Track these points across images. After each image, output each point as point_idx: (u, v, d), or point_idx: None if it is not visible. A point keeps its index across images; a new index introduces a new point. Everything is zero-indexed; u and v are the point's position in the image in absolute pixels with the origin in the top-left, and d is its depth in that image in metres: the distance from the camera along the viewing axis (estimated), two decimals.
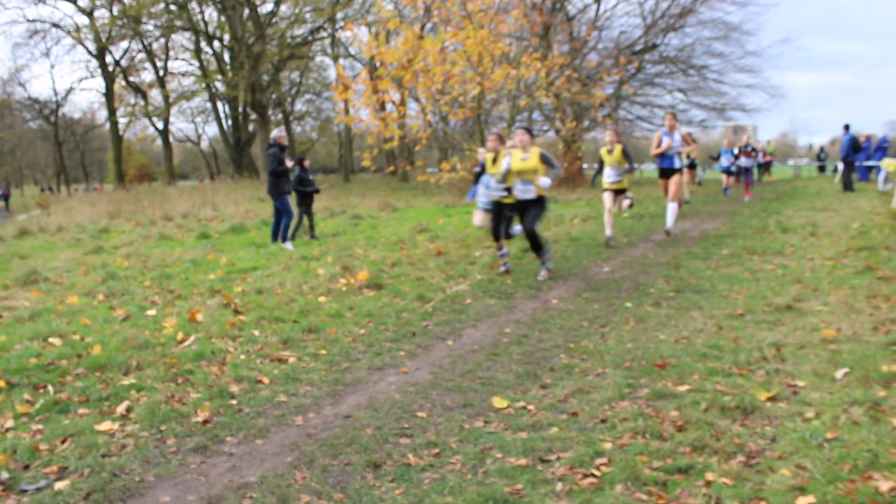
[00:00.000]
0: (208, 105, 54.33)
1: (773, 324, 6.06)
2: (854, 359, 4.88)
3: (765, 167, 30.43)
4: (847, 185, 21.14)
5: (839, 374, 4.61)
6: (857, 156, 22.29)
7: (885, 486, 3.09)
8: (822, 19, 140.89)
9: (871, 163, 24.93)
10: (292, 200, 12.92)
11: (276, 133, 12.64)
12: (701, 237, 11.99)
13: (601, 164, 11.87)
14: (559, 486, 3.35)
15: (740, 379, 4.66)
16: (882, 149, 25.59)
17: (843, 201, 17.50)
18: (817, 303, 6.68)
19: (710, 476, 3.32)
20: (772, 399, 4.25)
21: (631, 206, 11.70)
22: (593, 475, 3.43)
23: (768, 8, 74.24)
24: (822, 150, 41.42)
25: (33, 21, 45.67)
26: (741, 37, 35.35)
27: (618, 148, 11.28)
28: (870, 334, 5.48)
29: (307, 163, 13.80)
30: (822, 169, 39.04)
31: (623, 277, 8.65)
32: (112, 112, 49.41)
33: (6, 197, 48.74)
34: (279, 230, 12.57)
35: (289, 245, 12.31)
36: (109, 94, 48.97)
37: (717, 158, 24.60)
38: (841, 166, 22.50)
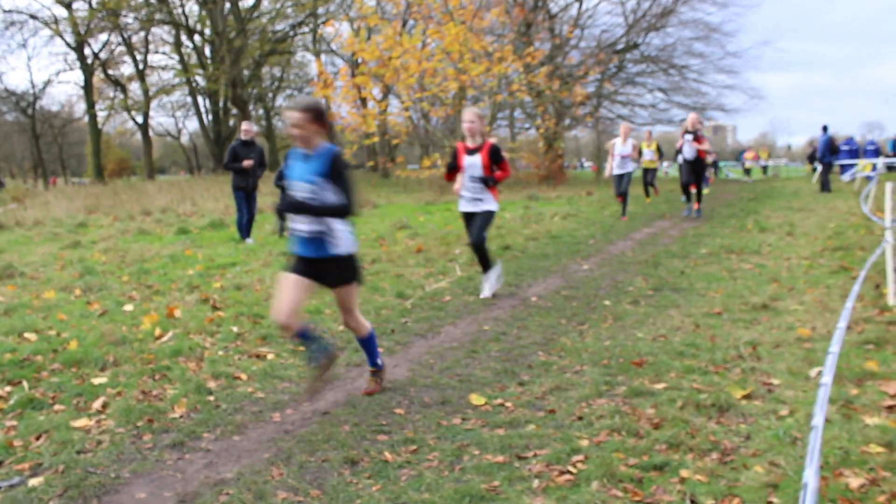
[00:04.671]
0: (188, 99, 53.76)
1: (749, 322, 6.12)
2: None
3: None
4: (824, 186, 21.37)
5: (813, 372, 4.67)
6: (833, 157, 22.54)
7: (855, 482, 3.14)
8: (789, 21, 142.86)
9: (848, 161, 25.26)
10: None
11: (243, 126, 12.66)
12: (680, 236, 12.08)
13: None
14: (536, 483, 3.37)
15: (716, 377, 4.71)
16: (859, 151, 25.97)
17: (820, 202, 17.69)
18: (793, 302, 6.76)
19: (684, 473, 3.35)
20: (747, 397, 4.30)
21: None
22: (570, 472, 3.45)
23: (749, 9, 74.59)
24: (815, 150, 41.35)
25: (9, 12, 45.04)
26: (722, 37, 35.72)
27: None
28: (844, 333, 5.55)
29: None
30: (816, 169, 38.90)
31: (602, 275, 8.69)
32: (91, 105, 48.85)
33: None
34: (244, 225, 12.57)
35: (249, 241, 12.41)
36: (88, 88, 48.42)
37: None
38: (819, 167, 22.72)
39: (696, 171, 14.57)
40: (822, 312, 6.29)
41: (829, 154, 21.83)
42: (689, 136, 14.24)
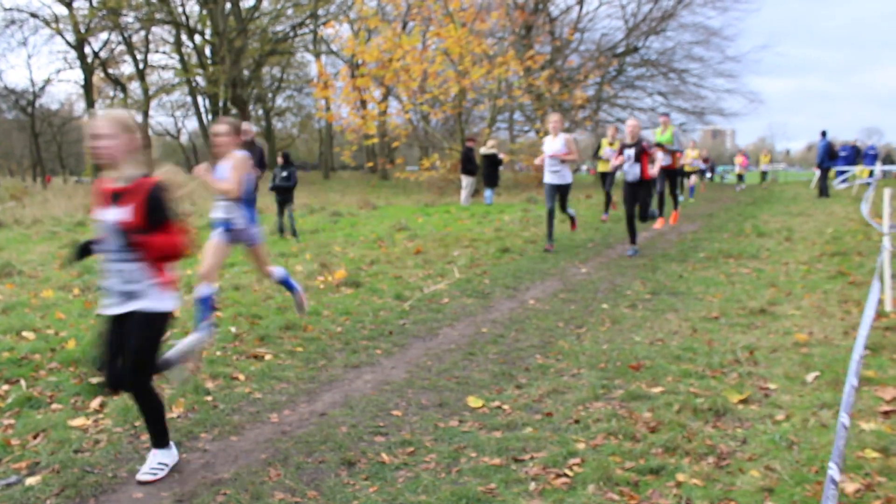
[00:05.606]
0: (188, 99, 53.74)
1: (746, 327, 6.13)
2: (825, 362, 4.95)
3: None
4: (822, 191, 21.40)
5: (810, 377, 4.68)
6: (832, 162, 22.56)
7: (850, 487, 3.15)
8: (787, 25, 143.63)
9: (843, 167, 25.33)
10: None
11: (242, 126, 12.65)
12: (678, 240, 12.09)
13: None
14: (532, 485, 3.38)
15: (713, 381, 4.72)
16: (857, 156, 26.01)
17: (818, 207, 17.72)
18: (790, 307, 6.77)
19: (681, 477, 3.36)
20: (743, 401, 4.31)
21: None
22: (566, 475, 3.46)
23: (749, 13, 74.83)
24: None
25: (10, 10, 45.00)
26: (721, 41, 35.78)
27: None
28: (841, 338, 5.57)
29: (280, 159, 13.73)
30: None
31: (600, 279, 8.70)
32: (91, 104, 48.74)
33: None
34: None
35: None
36: (88, 87, 48.35)
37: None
38: (818, 172, 22.72)
39: (642, 196, 10.38)
40: (819, 317, 6.30)
41: (827, 159, 21.86)
42: (629, 153, 10.21)
